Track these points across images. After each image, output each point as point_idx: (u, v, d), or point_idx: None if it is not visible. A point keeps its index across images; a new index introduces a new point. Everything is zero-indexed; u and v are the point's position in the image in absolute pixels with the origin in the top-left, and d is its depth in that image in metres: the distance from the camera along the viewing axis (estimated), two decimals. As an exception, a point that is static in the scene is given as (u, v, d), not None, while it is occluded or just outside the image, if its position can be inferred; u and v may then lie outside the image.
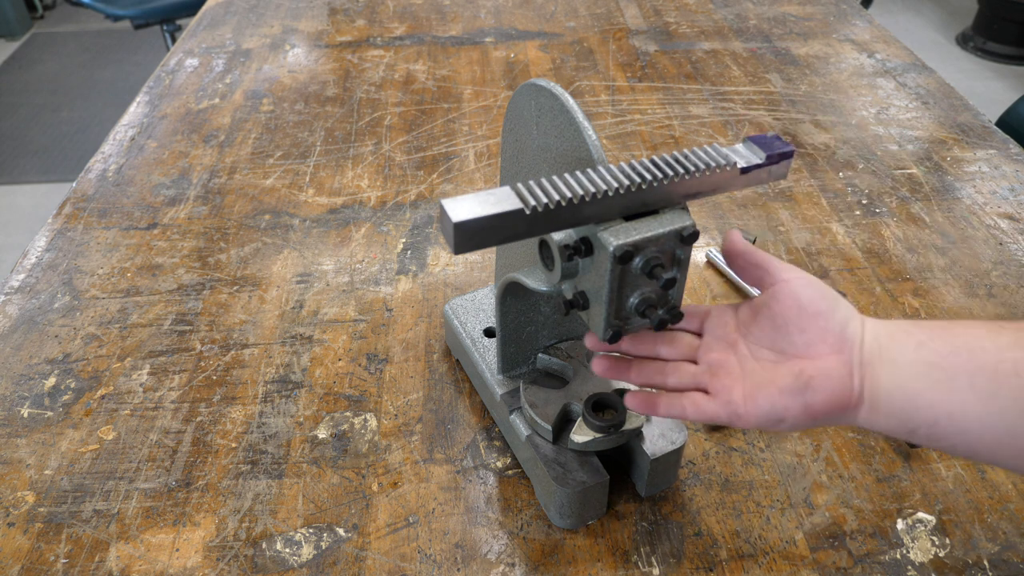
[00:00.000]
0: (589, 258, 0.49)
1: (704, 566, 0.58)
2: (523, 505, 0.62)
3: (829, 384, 0.45)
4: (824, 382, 0.45)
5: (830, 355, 0.46)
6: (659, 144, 1.07)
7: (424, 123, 1.12)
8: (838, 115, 1.13)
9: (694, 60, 1.28)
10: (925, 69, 1.25)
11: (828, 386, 0.45)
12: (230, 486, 0.64)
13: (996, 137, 1.08)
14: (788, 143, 0.52)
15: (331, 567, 0.58)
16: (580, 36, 1.36)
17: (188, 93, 1.21)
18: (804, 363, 0.46)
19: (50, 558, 0.59)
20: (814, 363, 0.46)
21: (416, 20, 1.43)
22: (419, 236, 0.91)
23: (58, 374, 0.74)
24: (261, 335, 0.78)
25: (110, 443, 0.67)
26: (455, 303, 0.73)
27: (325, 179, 1.00)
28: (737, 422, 0.47)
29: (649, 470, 0.60)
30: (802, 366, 0.46)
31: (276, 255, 0.88)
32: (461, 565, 0.58)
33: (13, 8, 3.73)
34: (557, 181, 0.46)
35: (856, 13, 1.45)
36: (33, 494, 0.63)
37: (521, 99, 0.57)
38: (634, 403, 0.51)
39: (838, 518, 0.61)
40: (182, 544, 0.60)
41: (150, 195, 0.98)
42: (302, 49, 1.34)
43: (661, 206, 0.49)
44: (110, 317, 0.80)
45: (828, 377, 0.45)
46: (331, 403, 0.71)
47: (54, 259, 0.88)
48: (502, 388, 0.65)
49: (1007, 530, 0.60)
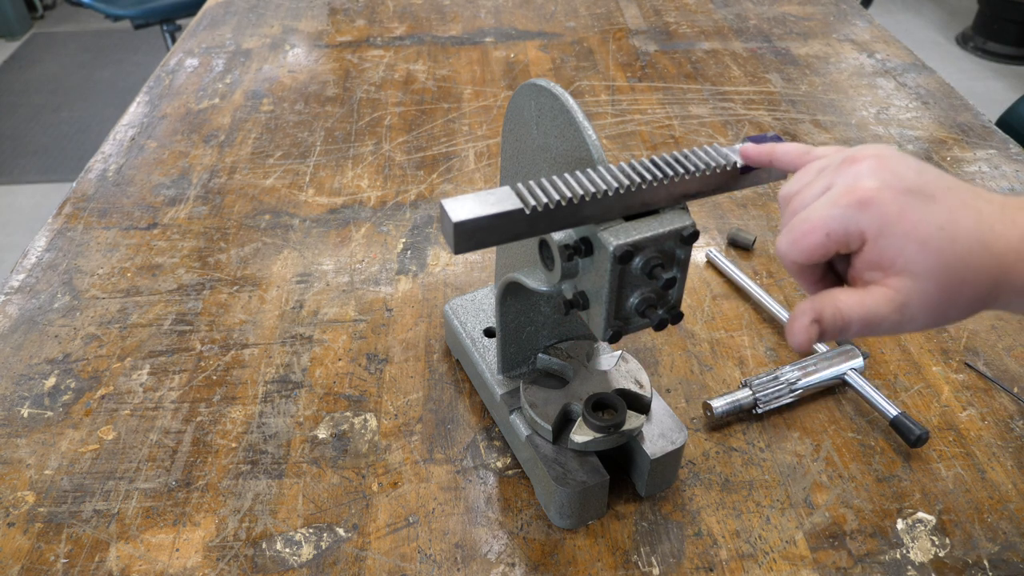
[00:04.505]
0: (589, 258, 0.49)
1: (704, 566, 0.58)
2: (523, 505, 0.62)
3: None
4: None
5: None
6: (659, 144, 1.07)
7: (424, 123, 1.12)
8: (838, 115, 1.13)
9: (694, 60, 1.28)
10: (925, 69, 1.25)
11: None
12: (230, 486, 0.64)
13: (996, 137, 1.07)
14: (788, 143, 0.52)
15: (331, 567, 0.58)
16: (580, 36, 1.36)
17: (188, 93, 1.21)
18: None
19: (50, 558, 0.59)
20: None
21: (416, 20, 1.43)
22: (419, 236, 0.91)
23: (58, 374, 0.74)
24: (261, 335, 0.78)
25: (110, 443, 0.67)
26: (455, 303, 0.73)
27: (325, 179, 1.00)
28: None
29: (649, 470, 0.60)
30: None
31: (276, 255, 0.88)
32: (461, 565, 0.58)
33: (13, 8, 3.73)
34: (557, 181, 0.46)
35: (856, 13, 1.45)
36: (33, 494, 0.63)
37: (521, 99, 0.57)
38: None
39: (838, 518, 0.61)
40: (182, 544, 0.60)
41: (150, 195, 0.98)
42: (302, 49, 1.34)
43: (661, 206, 0.49)
44: (110, 317, 0.80)
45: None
46: (331, 403, 0.71)
47: (54, 259, 0.88)
48: (502, 388, 0.65)
49: (1007, 530, 0.60)
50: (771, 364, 0.74)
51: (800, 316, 0.44)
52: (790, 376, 0.68)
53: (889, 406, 0.66)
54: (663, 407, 0.62)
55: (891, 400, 0.67)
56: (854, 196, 0.42)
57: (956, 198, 0.42)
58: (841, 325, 0.43)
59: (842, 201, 0.43)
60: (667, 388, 0.72)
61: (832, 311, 0.43)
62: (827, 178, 0.45)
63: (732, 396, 0.67)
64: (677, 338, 0.77)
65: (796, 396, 0.69)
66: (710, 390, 0.72)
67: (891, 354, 0.75)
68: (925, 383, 0.72)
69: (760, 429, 0.68)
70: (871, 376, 0.73)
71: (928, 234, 0.41)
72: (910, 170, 0.43)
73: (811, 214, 0.44)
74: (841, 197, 0.43)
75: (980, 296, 0.42)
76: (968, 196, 0.43)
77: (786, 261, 0.45)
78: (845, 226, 0.42)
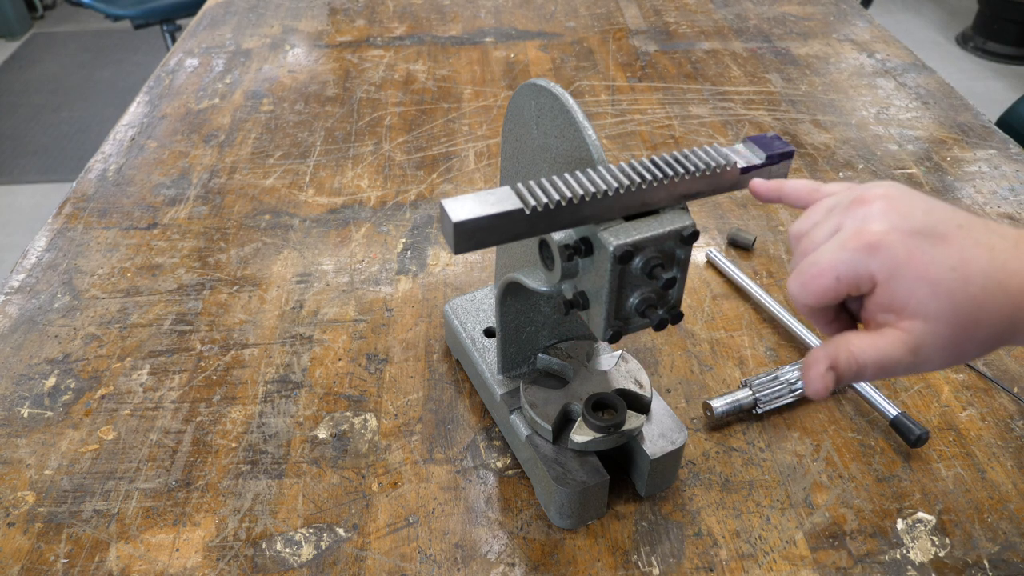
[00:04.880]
0: (589, 258, 0.49)
1: (704, 566, 0.58)
2: (523, 505, 0.62)
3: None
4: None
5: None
6: (659, 144, 1.07)
7: (424, 123, 1.12)
8: (838, 115, 1.13)
9: (694, 60, 1.28)
10: (925, 69, 1.25)
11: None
12: (230, 486, 0.64)
13: (996, 137, 1.07)
14: (788, 143, 0.52)
15: (331, 567, 0.58)
16: (580, 36, 1.36)
17: (188, 93, 1.21)
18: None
19: (50, 558, 0.59)
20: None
21: (416, 20, 1.43)
22: (419, 236, 0.91)
23: (58, 374, 0.74)
24: (261, 335, 0.78)
25: (110, 443, 0.67)
26: (455, 303, 0.73)
27: (325, 179, 1.00)
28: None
29: (649, 470, 0.60)
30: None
31: (276, 255, 0.88)
32: (461, 565, 0.58)
33: (13, 8, 3.73)
34: (557, 181, 0.46)
35: (856, 13, 1.45)
36: (33, 494, 0.63)
37: (521, 99, 0.57)
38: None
39: (838, 518, 0.61)
40: (182, 544, 0.60)
41: (150, 195, 0.98)
42: (302, 49, 1.34)
43: (661, 206, 0.49)
44: (110, 317, 0.80)
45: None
46: (331, 403, 0.71)
47: (54, 259, 0.88)
48: (502, 388, 0.65)
49: (1007, 530, 0.60)
50: (771, 364, 0.74)
51: (815, 364, 0.44)
52: (790, 376, 0.68)
53: (889, 406, 0.66)
54: (663, 407, 0.62)
55: (891, 400, 0.67)
56: (862, 240, 0.42)
57: (968, 236, 0.42)
58: (856, 370, 0.43)
59: (850, 244, 0.42)
60: (667, 388, 0.72)
61: (847, 357, 0.43)
62: (836, 218, 0.44)
63: (732, 396, 0.67)
64: (677, 338, 0.77)
65: (796, 396, 0.69)
66: (710, 390, 0.72)
67: (891, 354, 0.75)
68: (925, 383, 0.72)
69: (760, 429, 0.68)
70: (871, 376, 0.73)
71: (939, 276, 0.41)
72: (918, 210, 0.43)
73: (820, 257, 0.43)
74: (849, 240, 0.43)
75: (996, 335, 0.42)
76: (980, 233, 0.42)
77: (797, 304, 0.45)
78: (854, 270, 0.42)
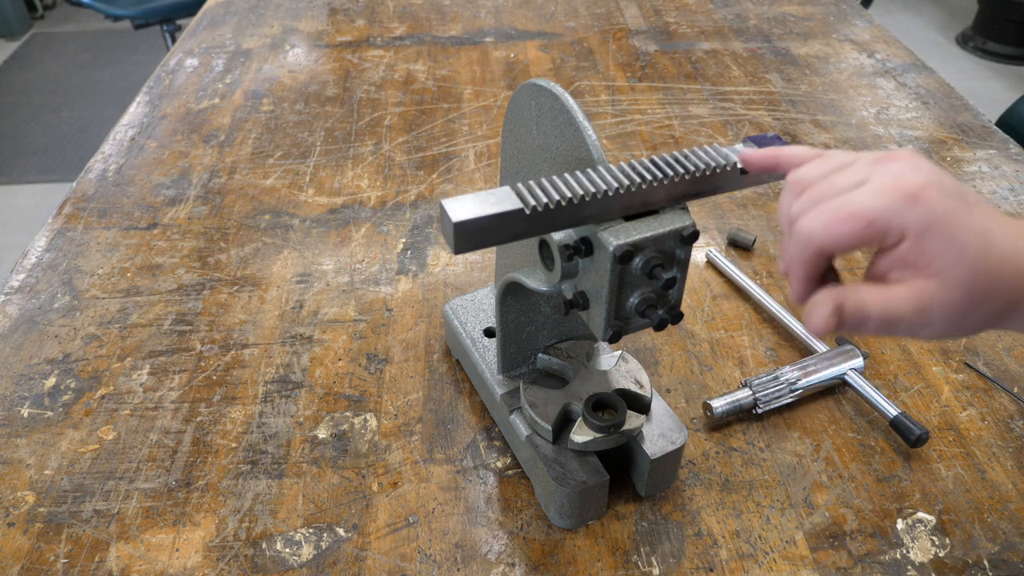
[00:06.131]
0: (589, 258, 0.49)
1: (704, 566, 0.58)
2: (523, 505, 0.62)
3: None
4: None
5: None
6: (659, 144, 1.07)
7: (424, 123, 1.12)
8: (838, 115, 1.13)
9: (694, 60, 1.28)
10: (925, 69, 1.25)
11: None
12: (230, 486, 0.64)
13: (996, 137, 1.07)
14: (788, 143, 0.52)
15: (331, 567, 0.58)
16: (580, 36, 1.36)
17: (188, 93, 1.21)
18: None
19: (50, 558, 0.59)
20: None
21: (416, 20, 1.43)
22: (419, 236, 0.91)
23: (58, 374, 0.74)
24: (261, 335, 0.78)
25: (110, 443, 0.67)
26: (455, 303, 0.73)
27: (325, 179, 1.00)
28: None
29: (649, 470, 0.60)
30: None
31: (276, 255, 0.88)
32: (461, 565, 0.58)
33: (13, 8, 3.73)
34: (557, 181, 0.46)
35: (856, 13, 1.45)
36: (33, 494, 0.63)
37: (521, 99, 0.57)
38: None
39: (838, 518, 0.61)
40: (182, 544, 0.60)
41: (150, 195, 0.98)
42: (302, 49, 1.34)
43: (661, 206, 0.49)
44: (110, 317, 0.80)
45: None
46: (331, 403, 0.71)
47: (54, 259, 0.88)
48: (502, 388, 0.65)
49: (1007, 530, 0.60)
50: (771, 364, 0.74)
51: (821, 304, 0.42)
52: (790, 376, 0.68)
53: (889, 406, 0.66)
54: (663, 407, 0.62)
55: (891, 400, 0.67)
56: (902, 189, 0.41)
57: (987, 210, 0.42)
58: (861, 319, 0.42)
59: (889, 192, 0.41)
60: (667, 388, 0.72)
61: (854, 305, 0.42)
62: (861, 170, 0.43)
63: (732, 396, 0.67)
64: (677, 338, 0.77)
65: (796, 396, 0.69)
66: (710, 390, 0.72)
67: (891, 354, 0.75)
68: (925, 383, 0.72)
69: (760, 429, 0.68)
70: (871, 376, 0.73)
71: (967, 241, 0.40)
72: (945, 176, 0.42)
73: (853, 199, 0.41)
74: (887, 187, 0.41)
75: (999, 310, 0.42)
76: (994, 210, 0.43)
77: (809, 245, 0.43)
78: (889, 219, 0.41)
